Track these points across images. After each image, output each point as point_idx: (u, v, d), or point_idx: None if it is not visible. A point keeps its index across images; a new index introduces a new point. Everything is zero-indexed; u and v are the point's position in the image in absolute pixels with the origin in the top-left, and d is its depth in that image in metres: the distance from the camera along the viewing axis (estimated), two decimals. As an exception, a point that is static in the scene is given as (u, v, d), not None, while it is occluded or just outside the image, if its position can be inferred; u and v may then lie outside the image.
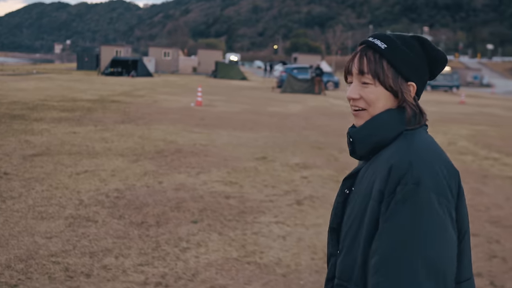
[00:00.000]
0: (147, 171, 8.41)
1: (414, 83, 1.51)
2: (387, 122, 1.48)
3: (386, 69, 1.48)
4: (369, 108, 1.51)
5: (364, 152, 1.54)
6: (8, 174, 7.75)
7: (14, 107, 16.45)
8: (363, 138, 1.51)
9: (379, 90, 1.49)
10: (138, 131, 12.55)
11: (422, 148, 1.41)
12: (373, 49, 1.51)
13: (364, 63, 1.50)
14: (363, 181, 1.50)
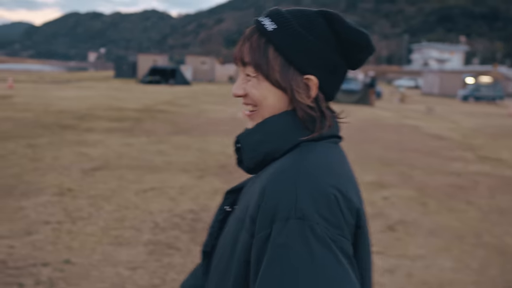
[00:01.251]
0: (217, 189, 7.82)
1: (315, 77, 1.13)
2: (280, 127, 1.13)
3: (271, 58, 1.12)
4: (258, 109, 1.16)
5: (253, 163, 1.17)
6: (72, 190, 7.25)
7: (62, 116, 16.14)
8: (253, 145, 1.15)
9: (264, 85, 1.13)
10: (195, 144, 12.01)
11: (315, 167, 1.06)
12: (259, 32, 1.14)
13: (245, 50, 1.15)
14: (242, 200, 1.17)
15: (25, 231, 5.49)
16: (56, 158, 9.38)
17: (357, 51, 1.17)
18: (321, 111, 1.15)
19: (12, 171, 8.21)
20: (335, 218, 1.00)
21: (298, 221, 0.98)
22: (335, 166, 1.10)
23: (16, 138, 11.38)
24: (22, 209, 6.24)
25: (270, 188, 1.03)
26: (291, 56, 1.12)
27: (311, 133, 1.14)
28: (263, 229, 1.01)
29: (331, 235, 0.99)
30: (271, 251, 0.98)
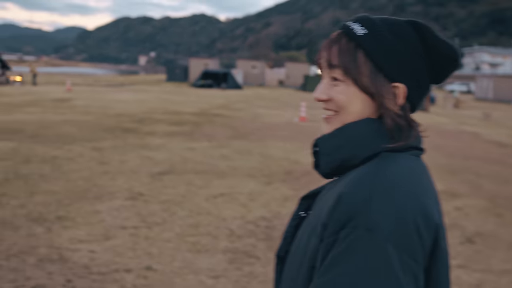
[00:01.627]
0: (286, 196, 7.71)
1: (403, 85, 1.10)
2: (361, 134, 1.09)
3: (361, 63, 1.09)
4: (341, 112, 1.12)
5: (330, 169, 1.14)
6: (143, 195, 7.26)
7: (122, 119, 16.37)
8: (330, 149, 1.12)
9: (351, 90, 1.10)
10: (255, 149, 11.94)
11: (395, 180, 1.00)
12: (348, 36, 1.12)
13: (334, 53, 1.12)
14: (317, 206, 1.14)
15: (104, 235, 5.50)
16: (123, 162, 9.46)
17: (446, 64, 1.14)
18: (408, 120, 1.11)
19: (82, 174, 8.32)
20: (407, 239, 0.94)
21: (367, 232, 0.93)
22: (416, 179, 1.04)
23: (81, 141, 11.57)
24: (98, 213, 6.28)
25: (346, 196, 0.99)
26: (382, 62, 1.09)
27: (394, 142, 1.09)
28: (331, 235, 0.98)
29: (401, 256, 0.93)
30: (331, 255, 0.96)
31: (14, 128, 13.08)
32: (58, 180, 7.80)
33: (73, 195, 7.01)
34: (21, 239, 5.25)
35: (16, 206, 6.36)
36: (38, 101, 22.09)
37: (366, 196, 0.97)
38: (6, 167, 8.48)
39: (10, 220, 5.83)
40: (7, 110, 17.54)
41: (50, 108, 18.91)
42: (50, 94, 27.05)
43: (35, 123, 14.31)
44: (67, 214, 6.18)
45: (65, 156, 9.67)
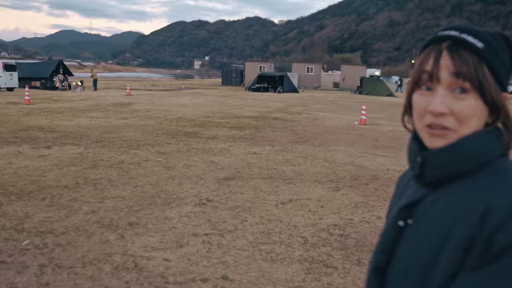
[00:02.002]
0: (356, 202, 7.46)
1: (507, 94, 1.11)
2: (480, 147, 1.06)
3: (487, 76, 1.05)
4: (459, 128, 1.06)
5: (435, 180, 1.10)
6: (211, 201, 7.16)
7: (183, 124, 16.44)
8: (444, 165, 1.07)
9: (478, 104, 1.05)
10: (319, 153, 11.71)
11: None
12: (468, 48, 1.06)
13: (461, 64, 1.04)
14: (430, 217, 1.08)
15: (176, 243, 5.41)
16: (188, 167, 9.42)
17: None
18: None
19: (150, 179, 8.31)
20: None
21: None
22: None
23: (145, 145, 11.63)
24: (168, 220, 6.20)
25: (495, 206, 0.98)
26: (499, 74, 1.08)
27: (508, 150, 1.11)
28: (485, 242, 0.97)
29: None
30: (490, 256, 0.96)
31: (79, 133, 13.31)
32: (127, 185, 7.81)
33: (142, 201, 6.98)
34: (95, 246, 5.22)
35: (87, 212, 6.37)
36: (99, 106, 22.53)
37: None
38: (75, 172, 8.56)
39: (83, 226, 5.82)
40: (71, 115, 17.93)
41: (112, 113, 19.23)
42: (110, 99, 27.58)
43: (99, 127, 14.54)
44: (138, 220, 6.14)
45: (131, 161, 9.71)
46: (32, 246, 5.13)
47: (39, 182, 7.79)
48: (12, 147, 10.72)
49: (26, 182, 7.73)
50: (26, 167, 8.80)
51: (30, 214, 6.18)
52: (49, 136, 12.52)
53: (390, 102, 37.05)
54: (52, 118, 16.65)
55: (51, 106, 21.30)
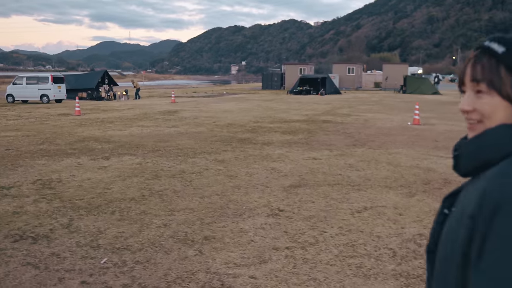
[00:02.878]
0: (435, 208, 7.04)
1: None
2: (501, 138, 1.23)
3: (504, 77, 1.23)
4: (485, 121, 1.27)
5: (468, 170, 1.28)
6: (283, 211, 6.87)
7: (234, 130, 16.23)
8: (470, 153, 1.27)
9: (496, 101, 1.25)
10: (380, 156, 11.30)
11: None
12: (489, 54, 1.27)
13: (478, 70, 1.27)
14: (460, 202, 1.26)
15: (259, 258, 5.13)
16: (251, 175, 9.16)
17: None
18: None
19: (215, 189, 8.07)
20: None
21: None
22: None
23: (202, 153, 11.44)
24: (244, 232, 5.94)
25: (490, 188, 1.12)
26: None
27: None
28: (485, 224, 1.09)
29: None
30: (496, 242, 1.06)
31: (134, 142, 13.22)
32: (193, 196, 7.59)
33: (213, 213, 6.74)
34: (175, 263, 4.99)
35: (160, 226, 6.16)
36: (147, 114, 22.55)
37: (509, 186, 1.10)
38: (139, 184, 8.40)
39: (158, 241, 5.60)
40: (122, 124, 17.94)
41: (161, 121, 19.18)
42: (157, 107, 27.65)
43: (152, 136, 14.44)
44: (214, 234, 5.89)
45: (191, 170, 9.51)
46: (111, 264, 4.92)
47: (105, 194, 7.64)
48: (72, 159, 10.66)
49: (92, 195, 7.59)
50: (89, 179, 8.68)
51: (102, 229, 6.00)
52: (105, 146, 12.46)
53: (437, 100, 36.15)
54: (105, 128, 16.67)
55: (101, 116, 21.42)
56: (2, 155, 11.27)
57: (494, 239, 1.08)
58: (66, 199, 7.35)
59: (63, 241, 5.55)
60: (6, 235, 5.77)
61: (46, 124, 18.11)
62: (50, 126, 17.36)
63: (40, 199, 7.38)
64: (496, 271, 1.08)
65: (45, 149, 12.05)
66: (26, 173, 9.30)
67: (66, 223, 6.23)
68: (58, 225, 6.13)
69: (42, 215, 6.55)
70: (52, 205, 7.06)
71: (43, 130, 16.06)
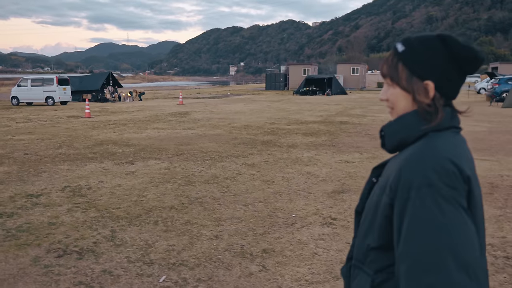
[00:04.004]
0: (495, 216, 6.63)
1: (431, 82, 1.47)
2: (410, 121, 1.50)
3: (400, 71, 1.51)
4: (394, 108, 1.56)
5: (392, 147, 1.56)
6: (337, 219, 6.44)
7: (253, 132, 15.81)
8: (391, 133, 1.55)
9: (397, 91, 1.53)
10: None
11: (436, 150, 1.40)
12: (394, 53, 1.55)
13: (385, 67, 1.56)
14: (385, 174, 1.54)
15: (330, 273, 4.70)
16: (288, 180, 8.73)
17: (467, 62, 1.47)
18: (436, 107, 1.47)
19: (255, 196, 7.64)
20: (453, 184, 1.34)
21: (428, 187, 1.32)
22: (453, 147, 1.42)
23: (229, 157, 11.01)
24: (304, 244, 5.51)
25: (406, 166, 1.39)
26: (413, 68, 1.49)
27: (427, 123, 1.46)
28: (402, 195, 1.37)
29: (452, 195, 1.33)
30: (412, 211, 1.34)
31: (154, 146, 12.78)
32: (236, 204, 7.15)
33: (262, 222, 6.31)
34: (240, 280, 4.55)
35: (211, 238, 5.72)
36: (158, 116, 22.11)
37: (419, 164, 1.37)
38: (173, 190, 7.96)
39: (214, 255, 5.17)
40: (136, 127, 17.50)
41: (175, 123, 18.74)
42: (166, 108, 27.21)
43: (171, 139, 14.01)
44: (272, 246, 5.46)
45: (224, 175, 9.07)
46: (172, 283, 4.49)
47: (142, 202, 7.21)
48: (95, 164, 10.22)
49: (128, 204, 7.15)
50: (120, 186, 8.24)
51: (150, 242, 5.57)
52: (126, 150, 12.02)
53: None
54: (120, 131, 16.22)
55: (112, 119, 20.96)
56: (22, 160, 10.82)
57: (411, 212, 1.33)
58: (102, 208, 6.91)
59: (111, 256, 5.12)
60: (48, 249, 5.33)
61: (58, 127, 17.66)
62: (63, 129, 16.92)
63: (74, 208, 6.94)
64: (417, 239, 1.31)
65: (65, 153, 11.61)
66: (51, 179, 8.87)
67: (109, 235, 5.80)
68: (101, 238, 5.70)
69: (81, 226, 6.11)
70: (88, 214, 6.62)
71: (57, 133, 15.61)
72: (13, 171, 9.61)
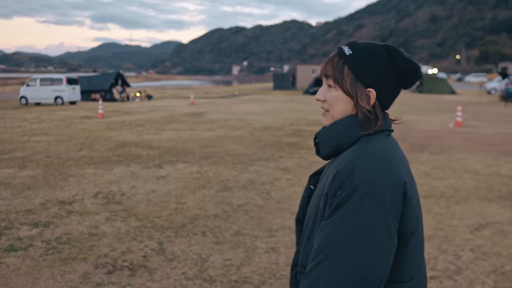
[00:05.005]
0: None
1: (374, 90, 1.50)
2: (346, 127, 1.50)
3: (345, 74, 1.51)
4: (330, 110, 1.55)
5: (327, 154, 1.57)
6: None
7: (276, 133, 15.43)
8: (325, 140, 1.55)
9: (339, 94, 1.52)
10: (451, 163, 10.53)
11: (371, 154, 1.41)
12: (340, 55, 1.54)
13: (329, 67, 1.55)
14: (322, 180, 1.55)
15: None
16: (328, 185, 8.34)
17: (408, 75, 1.53)
18: (376, 114, 1.50)
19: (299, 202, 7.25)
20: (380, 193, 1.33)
21: (351, 191, 1.34)
22: (387, 152, 1.44)
23: (259, 160, 10.62)
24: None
25: (340, 170, 1.39)
26: (359, 74, 1.50)
27: (364, 129, 1.48)
28: (331, 197, 1.39)
29: (373, 206, 1.32)
30: (330, 210, 1.38)
31: (178, 148, 12.40)
32: (283, 213, 6.77)
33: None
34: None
35: (267, 251, 5.33)
36: (173, 116, 21.73)
37: (351, 167, 1.38)
38: (212, 197, 7.57)
39: (278, 271, 4.78)
40: (154, 128, 17.12)
41: (192, 124, 18.36)
42: (178, 109, 26.83)
43: (193, 141, 13.62)
44: (335, 260, 5.07)
45: (260, 180, 8.69)
46: (240, 304, 4.10)
47: (183, 211, 6.82)
48: (122, 168, 9.84)
49: (169, 212, 6.76)
50: (154, 192, 7.86)
51: (204, 256, 5.18)
52: (150, 153, 11.63)
53: (460, 101, 35.32)
54: (138, 132, 15.83)
55: (127, 119, 20.57)
56: (45, 163, 10.45)
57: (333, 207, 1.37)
58: (142, 217, 6.52)
59: (166, 273, 4.73)
60: (96, 264, 4.95)
61: (74, 128, 17.29)
62: (79, 130, 16.54)
63: (112, 216, 6.56)
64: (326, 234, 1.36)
65: (87, 156, 11.23)
66: (80, 184, 8.49)
67: (157, 247, 5.41)
68: (150, 251, 5.31)
69: (125, 238, 5.73)
70: (129, 224, 6.24)
71: (74, 135, 15.23)
72: (38, 175, 9.24)
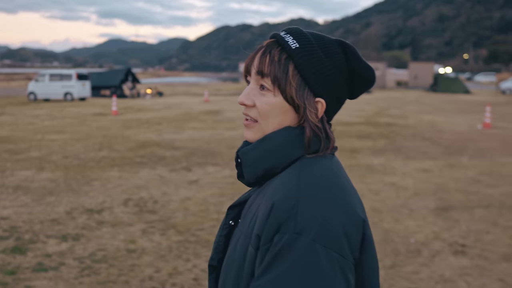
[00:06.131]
0: None
1: (324, 100, 1.13)
2: (281, 144, 1.11)
3: (291, 75, 1.11)
4: (261, 121, 1.14)
5: (253, 178, 1.15)
6: (466, 246, 5.41)
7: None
8: (253, 161, 1.14)
9: (277, 101, 1.12)
10: (496, 168, 10.00)
11: (318, 182, 1.04)
12: (281, 47, 1.14)
13: (265, 62, 1.13)
14: (248, 214, 1.14)
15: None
16: (376, 193, 7.69)
17: (362, 83, 1.18)
18: (326, 131, 1.14)
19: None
20: (333, 237, 0.98)
21: (296, 235, 0.98)
22: (336, 180, 1.07)
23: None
24: (450, 282, 4.48)
25: (276, 204, 1.01)
26: (309, 77, 1.11)
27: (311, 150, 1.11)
28: (266, 243, 1.01)
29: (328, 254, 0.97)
30: (266, 260, 0.99)
31: (203, 149, 11.76)
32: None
33: (381, 249, 5.27)
34: None
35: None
36: (189, 114, 21.10)
37: (293, 203, 1.00)
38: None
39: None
40: (172, 126, 16.48)
41: (211, 123, 17.72)
42: (192, 106, 26.21)
43: (217, 141, 12.98)
44: (414, 285, 4.43)
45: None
46: None
47: (225, 222, 6.18)
48: (148, 170, 9.21)
49: (212, 223, 6.12)
50: (190, 200, 7.21)
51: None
52: (175, 154, 10.99)
53: (475, 100, 34.61)
54: (157, 131, 15.18)
55: (142, 117, 19.93)
56: (64, 164, 9.82)
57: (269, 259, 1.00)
58: (183, 229, 5.88)
59: (225, 300, 4.09)
60: (141, 288, 4.31)
61: (88, 126, 16.65)
62: (94, 128, 15.91)
63: (148, 228, 5.92)
64: None
65: (108, 157, 10.60)
66: (106, 189, 7.86)
67: (207, 267, 4.78)
68: (200, 272, 4.67)
69: (168, 255, 5.08)
70: (169, 238, 5.59)
71: (90, 133, 14.59)
72: (58, 178, 8.61)
